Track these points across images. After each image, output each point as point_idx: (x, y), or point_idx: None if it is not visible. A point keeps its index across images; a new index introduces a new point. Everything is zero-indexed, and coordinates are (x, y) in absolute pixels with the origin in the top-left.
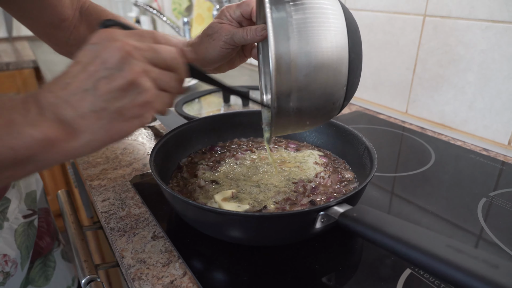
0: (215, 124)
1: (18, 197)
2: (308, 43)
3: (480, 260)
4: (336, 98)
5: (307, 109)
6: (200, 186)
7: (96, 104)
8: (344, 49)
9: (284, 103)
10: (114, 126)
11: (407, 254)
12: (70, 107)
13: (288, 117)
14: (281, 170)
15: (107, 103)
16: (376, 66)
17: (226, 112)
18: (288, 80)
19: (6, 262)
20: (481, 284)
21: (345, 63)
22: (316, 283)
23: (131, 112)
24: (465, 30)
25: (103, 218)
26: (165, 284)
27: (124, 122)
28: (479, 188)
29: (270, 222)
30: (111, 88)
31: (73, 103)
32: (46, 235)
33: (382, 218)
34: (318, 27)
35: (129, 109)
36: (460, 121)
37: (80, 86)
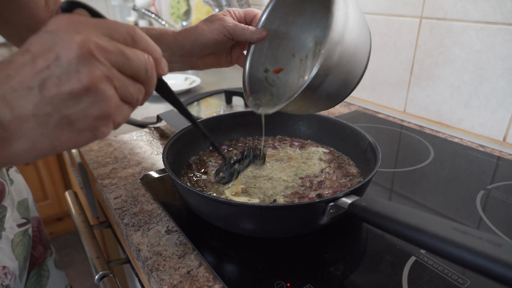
0: (221, 123)
1: (11, 205)
2: (358, 36)
3: (484, 240)
4: (351, 87)
5: (331, 92)
6: (211, 182)
7: (40, 107)
8: (369, 46)
9: (318, 81)
10: (60, 135)
11: (416, 238)
12: (7, 106)
13: (312, 95)
14: (289, 166)
15: (54, 107)
16: (374, 67)
17: (232, 112)
18: (332, 62)
19: (6, 274)
20: (487, 261)
21: (367, 58)
22: (326, 271)
23: (83, 122)
24: (460, 31)
25: (117, 214)
26: (182, 274)
27: (73, 133)
28: (477, 181)
29: (282, 213)
30: (61, 90)
31: (12, 101)
32: (39, 244)
33: (389, 206)
34: (364, 25)
35: (81, 118)
36: (457, 119)
37: (24, 82)
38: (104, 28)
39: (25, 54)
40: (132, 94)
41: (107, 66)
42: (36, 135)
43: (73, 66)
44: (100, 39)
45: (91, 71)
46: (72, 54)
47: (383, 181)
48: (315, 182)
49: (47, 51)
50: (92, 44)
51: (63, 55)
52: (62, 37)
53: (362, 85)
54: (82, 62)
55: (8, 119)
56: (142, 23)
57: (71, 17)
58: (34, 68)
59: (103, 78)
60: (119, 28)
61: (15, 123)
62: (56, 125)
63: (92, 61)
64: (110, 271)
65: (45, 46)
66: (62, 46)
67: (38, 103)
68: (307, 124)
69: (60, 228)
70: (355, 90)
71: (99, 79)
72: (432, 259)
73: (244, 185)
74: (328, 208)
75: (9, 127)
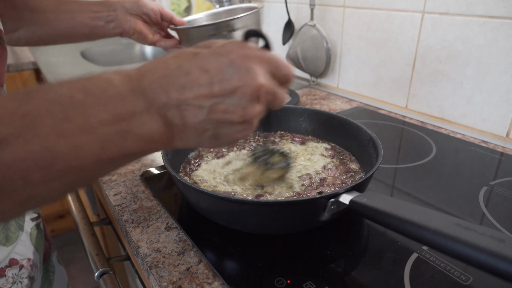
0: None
1: None
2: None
3: (488, 236)
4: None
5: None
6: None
7: (203, 123)
8: None
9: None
10: (205, 143)
11: (418, 234)
12: (179, 115)
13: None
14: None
15: (212, 127)
16: (376, 63)
17: None
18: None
19: (31, 266)
20: (490, 257)
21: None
22: (327, 267)
23: (227, 139)
24: (463, 26)
25: (117, 211)
26: (182, 271)
27: (214, 144)
28: (479, 177)
29: (282, 209)
30: (225, 117)
31: (183, 112)
32: (46, 240)
33: (391, 202)
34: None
35: (227, 137)
36: (459, 115)
37: (197, 99)
38: (273, 67)
39: (203, 73)
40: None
41: (264, 105)
42: (190, 139)
43: (242, 103)
44: (267, 81)
45: (254, 110)
46: (247, 94)
47: (385, 177)
48: (317, 179)
49: (225, 82)
50: (263, 90)
51: (238, 91)
52: (243, 74)
53: (363, 81)
54: (250, 101)
55: (177, 125)
56: None
57: (250, 51)
58: (211, 92)
59: (259, 114)
60: (283, 68)
61: (181, 128)
62: (207, 137)
63: (256, 102)
64: (110, 268)
65: (224, 76)
66: (240, 83)
67: (203, 121)
68: (308, 120)
69: (62, 225)
70: (357, 85)
71: (256, 115)
72: (434, 255)
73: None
74: (329, 204)
75: (175, 130)
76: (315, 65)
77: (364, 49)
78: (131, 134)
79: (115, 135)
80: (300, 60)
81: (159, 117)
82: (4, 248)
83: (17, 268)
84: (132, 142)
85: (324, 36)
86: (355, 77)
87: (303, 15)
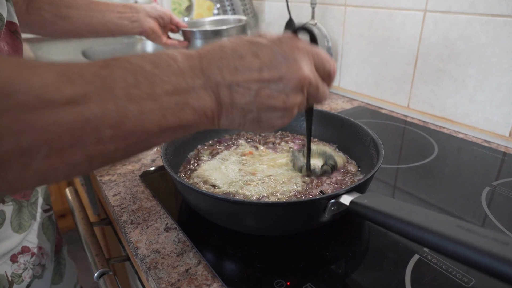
0: None
1: (40, 191)
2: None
3: (490, 238)
4: None
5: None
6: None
7: (249, 105)
8: None
9: None
10: (248, 125)
11: (419, 236)
12: (229, 94)
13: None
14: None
15: (257, 109)
16: (377, 62)
17: None
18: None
19: (42, 255)
20: (492, 261)
21: None
22: (327, 269)
23: (267, 124)
24: (465, 24)
25: (116, 212)
26: (181, 272)
27: (257, 127)
28: (482, 178)
29: (281, 210)
30: (268, 102)
31: (234, 92)
32: (57, 233)
33: (392, 203)
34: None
35: (267, 121)
36: (462, 114)
37: (247, 82)
38: (318, 60)
39: (255, 58)
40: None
41: (306, 96)
42: (235, 119)
43: (286, 90)
44: (312, 74)
45: (296, 98)
46: (292, 82)
47: (387, 178)
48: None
49: (274, 69)
50: (307, 81)
51: (284, 79)
52: (291, 64)
53: (365, 80)
54: (294, 90)
55: (227, 103)
56: None
57: (300, 43)
58: (260, 76)
59: (300, 104)
60: (327, 63)
61: (229, 107)
62: (250, 119)
63: (299, 92)
64: (109, 268)
65: (274, 63)
66: (287, 72)
67: (248, 102)
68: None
69: (63, 224)
70: (358, 85)
71: (297, 104)
72: (436, 257)
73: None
74: (329, 205)
75: (225, 109)
76: None
77: (365, 48)
78: (188, 106)
79: (175, 105)
80: None
81: (213, 94)
82: (17, 235)
83: (28, 255)
84: (189, 113)
85: (325, 35)
86: (356, 76)
87: (304, 14)
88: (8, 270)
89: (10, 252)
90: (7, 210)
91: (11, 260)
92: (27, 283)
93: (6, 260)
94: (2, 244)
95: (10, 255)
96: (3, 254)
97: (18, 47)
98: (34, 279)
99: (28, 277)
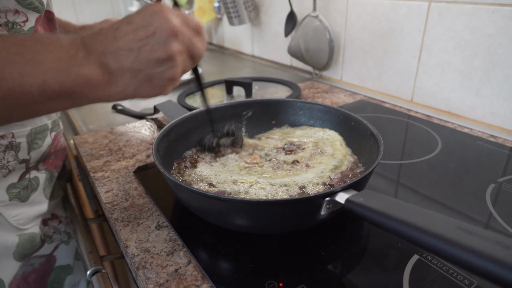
0: (217, 114)
1: (66, 166)
2: None
3: (492, 241)
4: None
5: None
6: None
7: (135, 64)
8: None
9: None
10: (142, 87)
11: (416, 238)
12: (115, 59)
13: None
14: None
15: (144, 66)
16: (380, 55)
17: (229, 103)
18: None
19: (68, 224)
20: (494, 265)
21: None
22: (322, 270)
23: (159, 81)
24: (472, 14)
25: (107, 209)
26: (170, 272)
27: (150, 87)
28: (487, 174)
29: (275, 208)
30: (152, 56)
31: (118, 56)
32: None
33: (389, 202)
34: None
35: (158, 78)
36: (467, 108)
37: (128, 44)
38: (183, 18)
39: (129, 25)
40: (187, 66)
41: (183, 44)
42: (127, 83)
43: (163, 40)
44: (180, 25)
45: (174, 46)
46: (165, 32)
47: (389, 173)
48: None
49: (147, 26)
50: (178, 29)
51: (158, 31)
52: (159, 19)
53: (367, 73)
54: (169, 39)
55: (115, 68)
56: None
57: (163, 6)
58: (136, 36)
59: (179, 52)
60: (191, 20)
61: (118, 71)
62: (142, 78)
63: (175, 39)
64: (102, 266)
65: (146, 22)
66: (159, 25)
67: (134, 61)
68: (307, 114)
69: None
70: (361, 78)
71: (177, 52)
72: (436, 258)
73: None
74: (325, 203)
75: (114, 73)
76: (318, 58)
77: (368, 40)
78: (70, 73)
79: (56, 71)
80: (302, 52)
81: (97, 63)
82: (48, 202)
83: (56, 221)
84: (72, 80)
85: (326, 27)
86: (359, 69)
87: (305, 5)
88: (41, 231)
89: (42, 216)
90: (40, 177)
91: (43, 223)
92: (55, 244)
93: (38, 223)
94: (35, 207)
95: (42, 219)
96: (36, 216)
97: (53, 32)
98: (61, 243)
99: (57, 240)
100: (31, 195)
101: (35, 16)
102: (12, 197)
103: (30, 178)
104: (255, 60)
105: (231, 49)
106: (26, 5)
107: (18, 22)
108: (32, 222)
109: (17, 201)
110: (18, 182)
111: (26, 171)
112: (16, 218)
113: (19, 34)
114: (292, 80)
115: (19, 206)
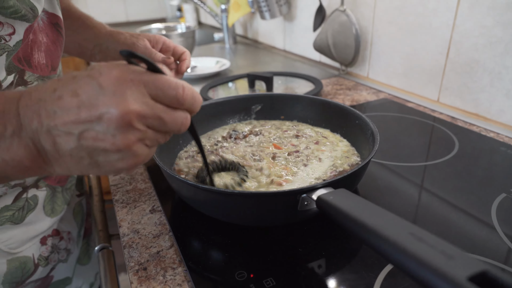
0: (227, 107)
1: (74, 177)
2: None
3: (438, 250)
4: None
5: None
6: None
7: (75, 151)
8: None
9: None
10: (88, 170)
11: (368, 240)
12: (50, 141)
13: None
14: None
15: (88, 154)
16: (407, 51)
17: (237, 96)
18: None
19: (70, 240)
20: (429, 274)
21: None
22: (295, 265)
23: (109, 167)
24: (504, 8)
25: (112, 191)
26: (152, 253)
27: (98, 171)
28: (500, 182)
29: (251, 200)
30: (96, 145)
31: (55, 138)
32: (89, 216)
33: (356, 203)
34: None
35: (108, 165)
36: (496, 111)
37: (66, 126)
38: (153, 88)
39: (74, 97)
40: (160, 141)
41: (142, 131)
42: (70, 167)
43: (111, 130)
44: (142, 106)
45: (126, 138)
46: (113, 121)
47: (394, 174)
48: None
49: (93, 107)
50: (133, 115)
51: (105, 117)
52: (109, 99)
53: (393, 70)
54: (119, 129)
55: (50, 151)
56: (187, 8)
57: (123, 73)
58: (78, 117)
59: (136, 142)
60: (168, 90)
61: (55, 155)
62: (86, 165)
63: (129, 129)
64: (110, 244)
65: (92, 100)
66: (106, 108)
67: (75, 148)
68: (308, 109)
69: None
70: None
71: (132, 143)
72: None
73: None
74: (301, 200)
75: (50, 156)
76: (345, 53)
77: (395, 36)
78: None
79: None
80: (330, 47)
81: (31, 142)
82: (49, 218)
83: (57, 239)
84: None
85: (353, 22)
86: (385, 66)
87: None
88: (35, 252)
89: (41, 235)
90: (40, 195)
91: (41, 242)
92: (51, 266)
93: (36, 242)
94: (33, 227)
95: (41, 237)
96: (34, 236)
97: (58, 40)
98: (58, 263)
99: (54, 261)
100: (27, 216)
101: (24, 27)
102: (4, 221)
103: (28, 197)
104: (286, 55)
105: (264, 43)
106: (10, 14)
107: (2, 35)
108: (26, 244)
109: (10, 224)
110: (13, 204)
111: (23, 191)
112: (8, 242)
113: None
114: (319, 76)
115: (12, 228)
